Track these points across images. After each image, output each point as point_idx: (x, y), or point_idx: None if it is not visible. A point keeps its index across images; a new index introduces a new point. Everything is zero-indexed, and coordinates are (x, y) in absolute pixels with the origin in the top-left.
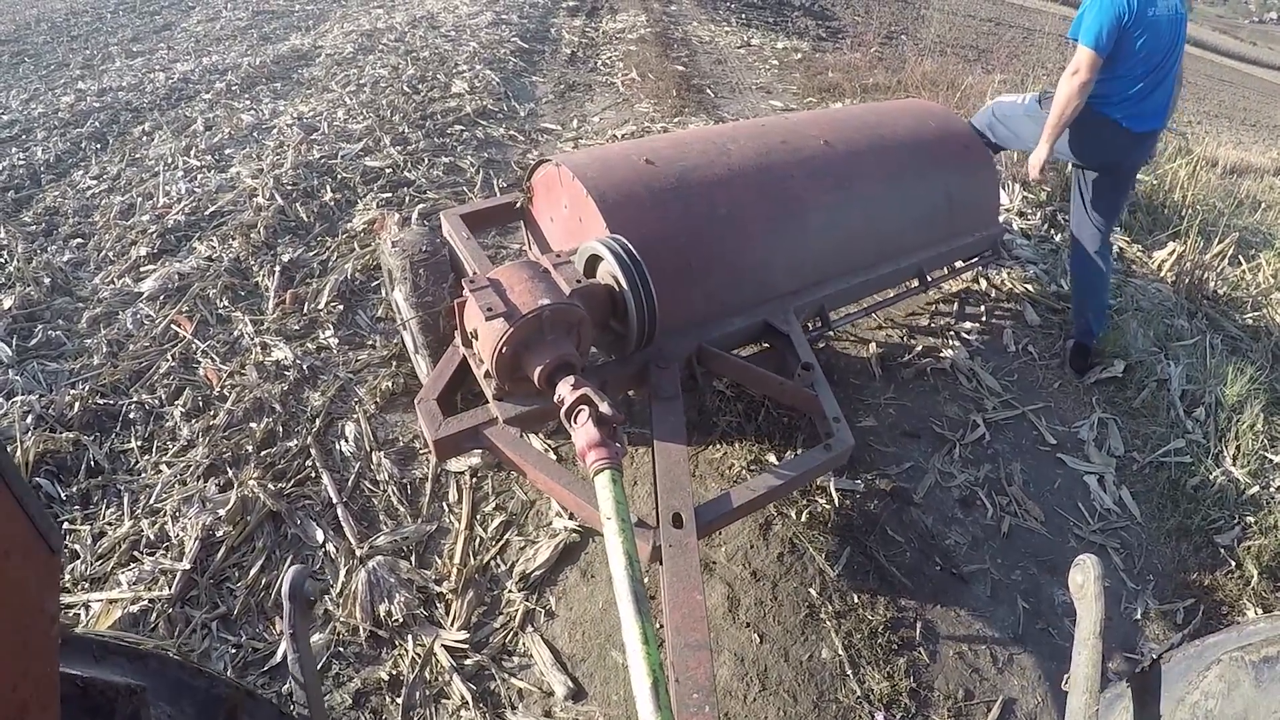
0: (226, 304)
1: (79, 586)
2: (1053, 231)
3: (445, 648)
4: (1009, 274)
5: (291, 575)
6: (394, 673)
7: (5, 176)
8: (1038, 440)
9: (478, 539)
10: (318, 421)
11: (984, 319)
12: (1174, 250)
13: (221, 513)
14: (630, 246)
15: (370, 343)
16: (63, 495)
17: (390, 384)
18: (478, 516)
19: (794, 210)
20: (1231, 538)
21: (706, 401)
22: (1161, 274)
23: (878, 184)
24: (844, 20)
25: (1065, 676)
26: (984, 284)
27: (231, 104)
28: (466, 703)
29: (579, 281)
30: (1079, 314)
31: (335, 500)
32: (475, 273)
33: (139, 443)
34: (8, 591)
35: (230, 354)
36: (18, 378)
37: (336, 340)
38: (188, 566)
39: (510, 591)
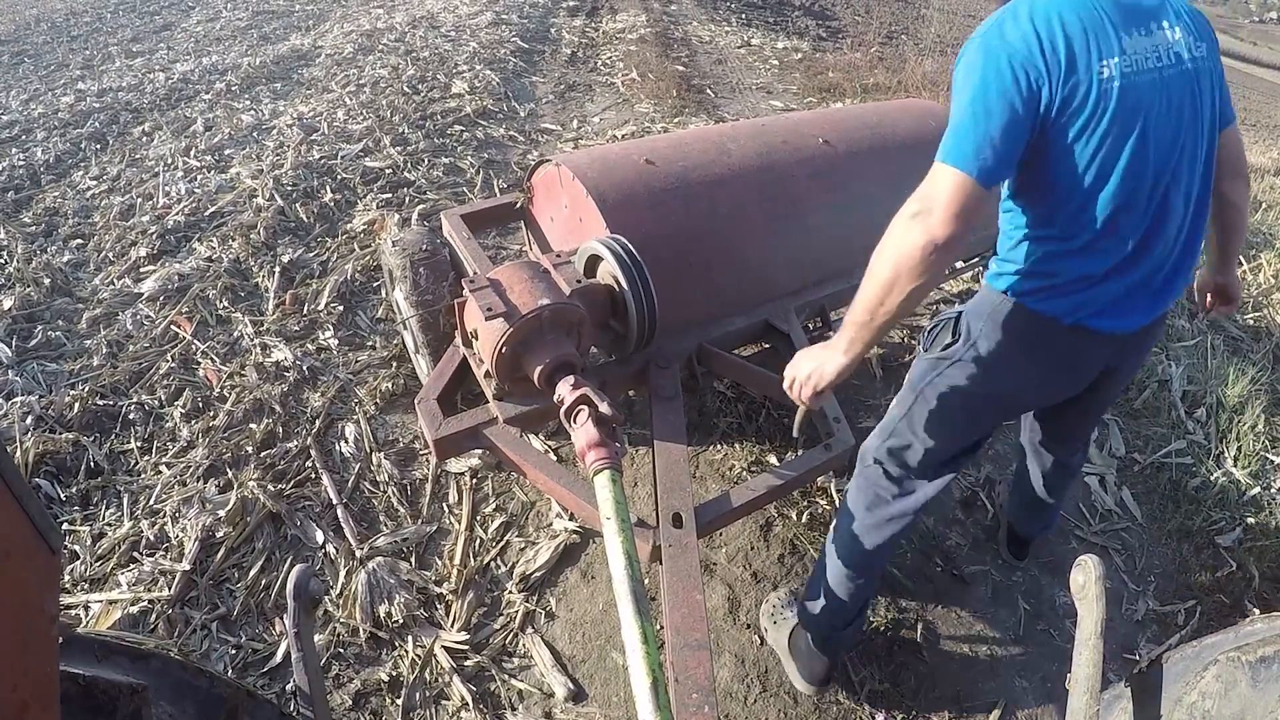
0: (226, 305)
1: (79, 587)
2: None
3: (445, 649)
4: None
5: (296, 574)
6: (394, 674)
7: (5, 177)
8: None
9: (478, 540)
10: (318, 422)
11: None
12: None
13: (221, 513)
14: (630, 246)
15: (370, 344)
16: (62, 496)
17: (390, 385)
18: (478, 517)
19: (795, 210)
20: (1233, 539)
21: (707, 402)
22: None
23: (879, 184)
24: (844, 20)
25: (1067, 677)
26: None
27: (231, 104)
28: (466, 704)
29: (579, 281)
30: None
31: (335, 501)
32: (475, 273)
33: (139, 443)
34: (8, 591)
35: (230, 355)
36: (17, 378)
37: (336, 341)
38: (187, 567)
39: (510, 593)
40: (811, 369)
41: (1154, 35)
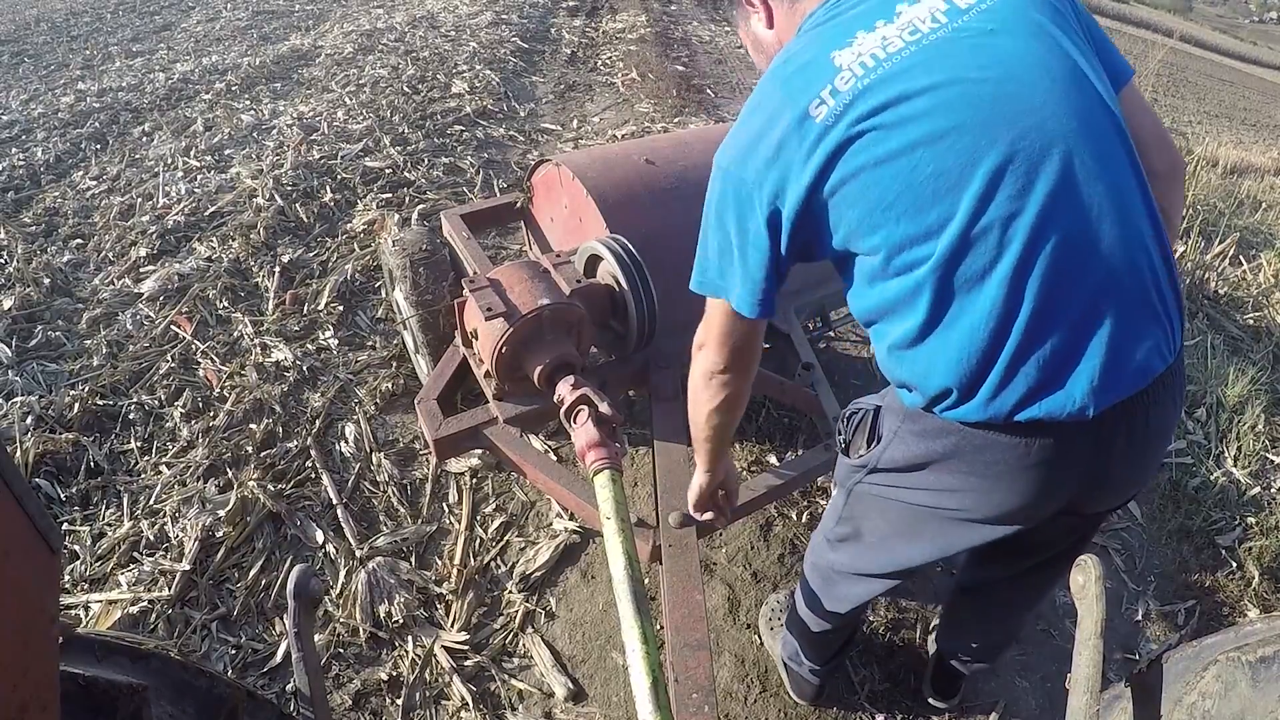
0: (226, 305)
1: (79, 587)
2: None
3: (445, 649)
4: None
5: (296, 574)
6: (394, 674)
7: (5, 177)
8: None
9: (478, 540)
10: (318, 422)
11: None
12: (1175, 250)
13: (221, 513)
14: (630, 246)
15: (370, 344)
16: (62, 495)
17: (390, 385)
18: (478, 517)
19: None
20: (1232, 538)
21: None
22: None
23: None
24: None
25: (1067, 677)
26: None
27: (231, 104)
28: (466, 704)
29: (579, 281)
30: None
31: (335, 501)
32: (475, 273)
33: (139, 443)
34: (8, 591)
35: (230, 355)
36: (17, 378)
37: (336, 341)
38: (187, 567)
39: (510, 592)
40: (692, 494)
41: (908, 10)
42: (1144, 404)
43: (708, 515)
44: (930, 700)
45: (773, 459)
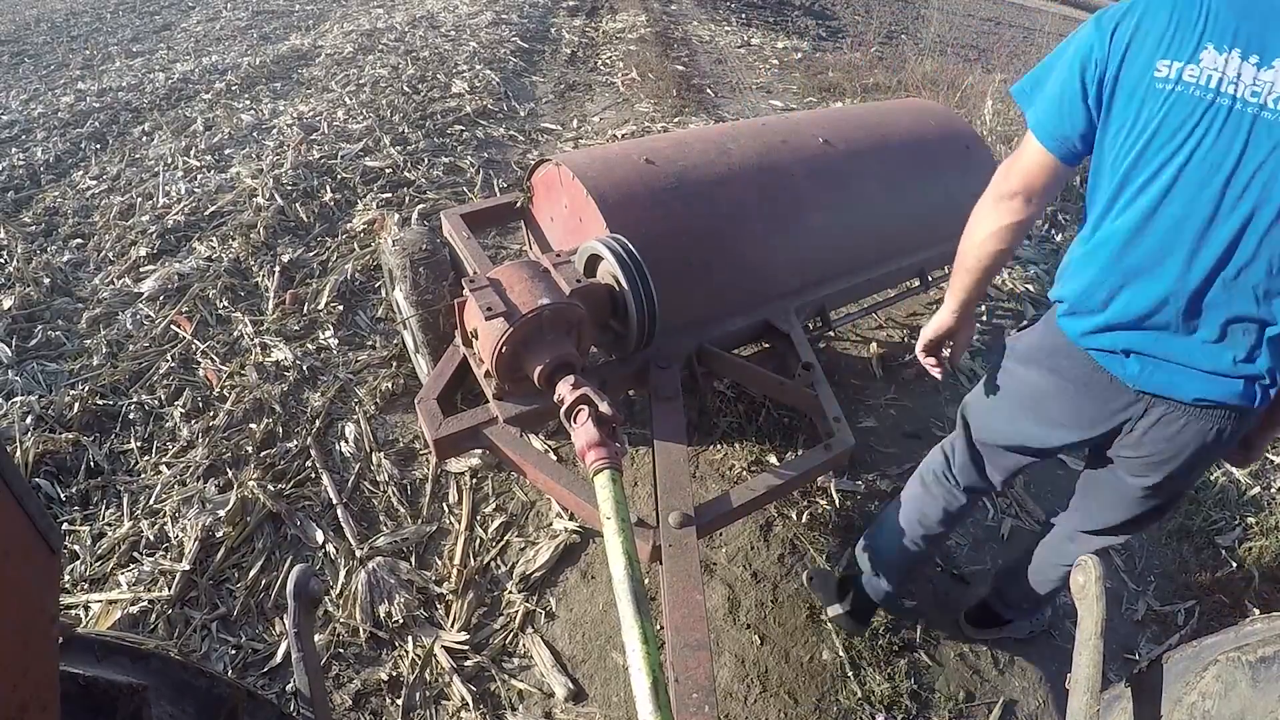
0: (226, 304)
1: (79, 587)
2: (1053, 231)
3: (445, 649)
4: (1009, 274)
5: (296, 574)
6: (394, 674)
7: (5, 176)
8: None
9: (478, 540)
10: (318, 422)
11: (984, 319)
12: None
13: (221, 513)
14: (630, 246)
15: (370, 343)
16: (62, 495)
17: (390, 385)
18: (478, 517)
19: (794, 209)
20: (1232, 538)
21: (707, 402)
22: None
23: (878, 183)
24: (844, 20)
25: (1067, 677)
26: None
27: (231, 104)
28: (466, 704)
29: (579, 281)
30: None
31: (335, 501)
32: (475, 272)
33: (139, 443)
34: (8, 591)
35: (230, 354)
36: (17, 378)
37: (336, 341)
38: (187, 567)
39: (510, 592)
40: (926, 332)
41: (1264, 70)
42: (1180, 414)
43: (930, 361)
44: (963, 628)
45: (773, 459)
